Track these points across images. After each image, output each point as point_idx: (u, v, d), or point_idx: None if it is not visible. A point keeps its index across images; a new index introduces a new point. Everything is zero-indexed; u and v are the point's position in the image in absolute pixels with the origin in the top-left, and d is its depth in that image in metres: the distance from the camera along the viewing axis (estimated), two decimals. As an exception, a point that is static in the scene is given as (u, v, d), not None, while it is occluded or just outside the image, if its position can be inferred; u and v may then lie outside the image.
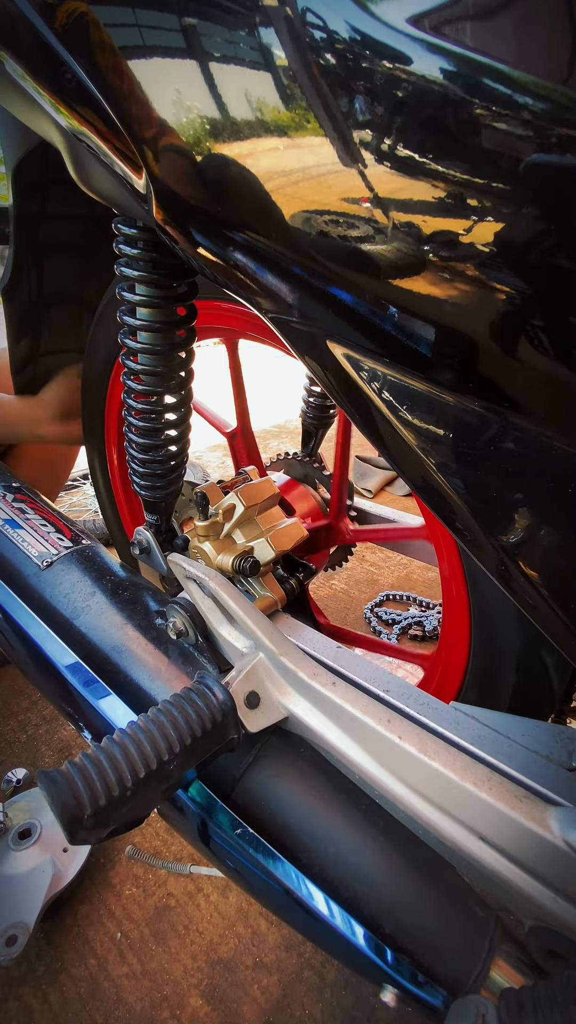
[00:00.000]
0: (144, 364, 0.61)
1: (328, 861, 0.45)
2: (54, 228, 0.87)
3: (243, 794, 0.49)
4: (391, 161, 0.27)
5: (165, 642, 0.59)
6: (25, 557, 0.69)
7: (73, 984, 0.76)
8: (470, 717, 0.46)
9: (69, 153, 0.47)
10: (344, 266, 0.31)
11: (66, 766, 0.38)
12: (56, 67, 0.40)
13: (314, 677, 0.47)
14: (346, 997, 0.75)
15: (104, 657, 0.58)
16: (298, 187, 0.31)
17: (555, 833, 0.35)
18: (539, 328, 0.26)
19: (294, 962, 0.78)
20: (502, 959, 0.40)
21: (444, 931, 0.41)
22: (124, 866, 0.90)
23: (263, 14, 0.29)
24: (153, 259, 0.54)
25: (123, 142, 0.39)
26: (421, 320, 0.30)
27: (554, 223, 0.24)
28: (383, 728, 0.43)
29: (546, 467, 0.29)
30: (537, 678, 0.61)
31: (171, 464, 0.67)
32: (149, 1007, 0.73)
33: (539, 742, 0.43)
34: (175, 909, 0.84)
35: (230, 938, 0.81)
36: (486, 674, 0.65)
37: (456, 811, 0.40)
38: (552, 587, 0.31)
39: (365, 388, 0.34)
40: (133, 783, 0.39)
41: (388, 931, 0.42)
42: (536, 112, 0.22)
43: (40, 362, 1.03)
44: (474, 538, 0.34)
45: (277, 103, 0.30)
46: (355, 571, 1.68)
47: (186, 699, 0.44)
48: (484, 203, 0.25)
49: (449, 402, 0.31)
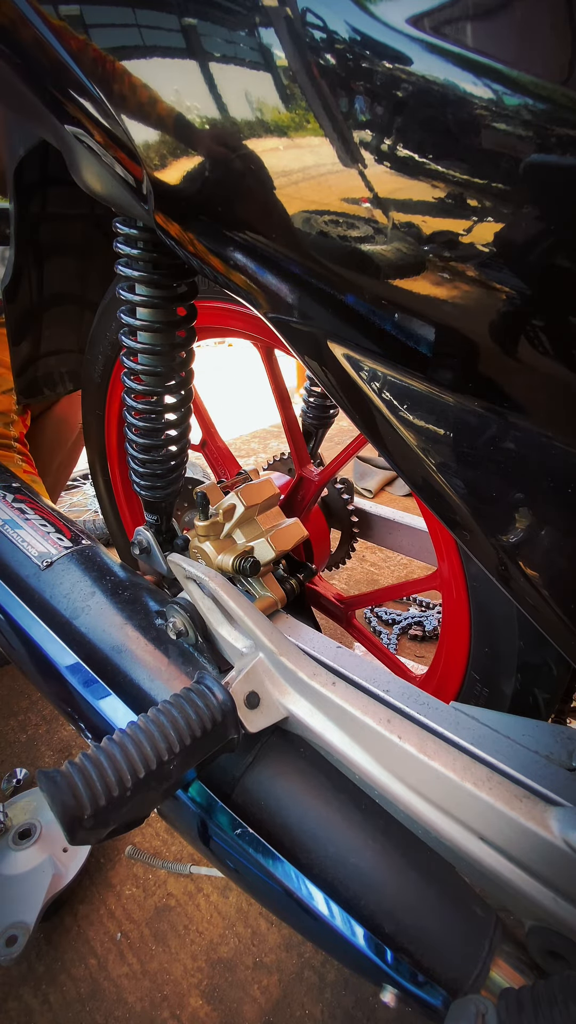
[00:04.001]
0: (144, 364, 0.61)
1: (328, 861, 0.45)
2: (54, 228, 0.87)
3: (243, 794, 0.49)
4: (391, 161, 0.27)
5: (165, 642, 0.59)
6: (25, 557, 0.69)
7: (73, 984, 0.76)
8: (470, 717, 0.46)
9: (69, 153, 0.47)
10: (344, 266, 0.31)
11: (66, 766, 0.38)
12: (56, 67, 0.40)
13: (314, 677, 0.47)
14: (346, 997, 0.75)
15: (104, 657, 0.58)
16: (298, 187, 0.31)
17: (555, 833, 0.35)
18: (539, 328, 0.26)
19: (294, 962, 0.78)
20: (502, 959, 0.40)
21: (444, 931, 0.41)
22: (124, 866, 0.90)
23: (263, 14, 0.29)
24: (153, 259, 0.54)
25: (123, 142, 0.39)
26: (421, 320, 0.30)
27: (554, 223, 0.24)
28: (383, 728, 0.43)
29: (546, 467, 0.29)
30: (537, 678, 0.61)
31: (171, 464, 0.67)
32: (149, 1007, 0.73)
33: (539, 742, 0.43)
34: (175, 909, 0.84)
35: (230, 938, 0.81)
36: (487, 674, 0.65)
37: (456, 811, 0.40)
38: (552, 587, 0.31)
39: (365, 388, 0.34)
40: (133, 783, 0.39)
41: (388, 931, 0.42)
42: (536, 112, 0.22)
43: (40, 364, 1.03)
44: (474, 538, 0.34)
45: (277, 103, 0.30)
46: (355, 571, 1.68)
47: (186, 699, 0.44)
48: (484, 203, 0.25)
49: (449, 402, 0.31)
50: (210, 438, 1.03)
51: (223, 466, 1.03)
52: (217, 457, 1.03)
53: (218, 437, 1.03)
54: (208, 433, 1.02)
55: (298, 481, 0.92)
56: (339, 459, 0.87)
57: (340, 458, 0.87)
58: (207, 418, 1.00)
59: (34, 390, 1.06)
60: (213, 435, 1.02)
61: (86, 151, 0.44)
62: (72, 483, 2.15)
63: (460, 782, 0.39)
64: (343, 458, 0.87)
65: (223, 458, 1.03)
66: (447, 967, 0.40)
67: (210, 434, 1.02)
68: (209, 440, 1.03)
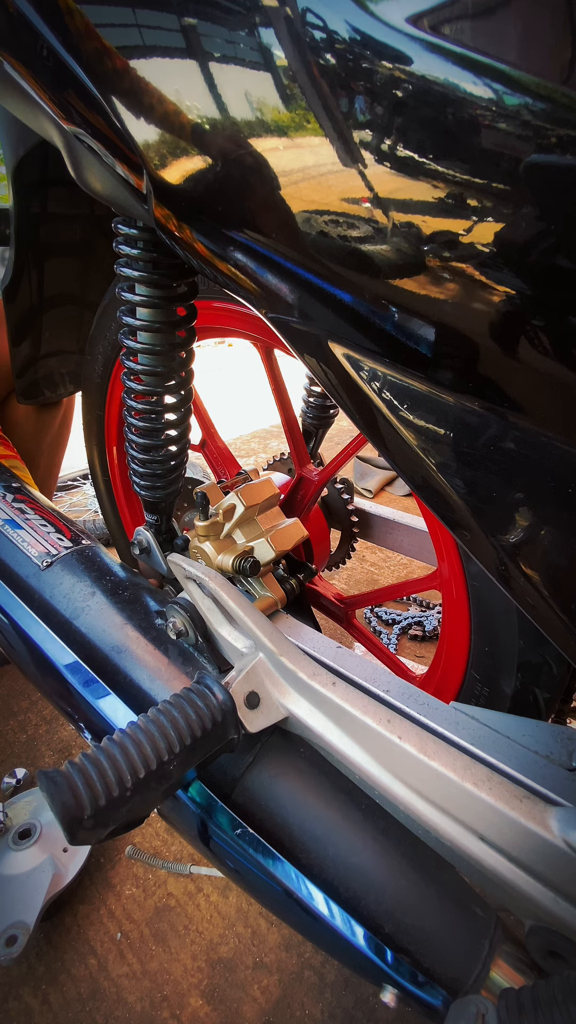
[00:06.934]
0: (144, 364, 0.61)
1: (328, 861, 0.45)
2: (54, 228, 0.87)
3: (243, 794, 0.49)
4: (391, 161, 0.27)
5: (165, 642, 0.59)
6: (25, 557, 0.69)
7: (73, 984, 0.76)
8: (470, 717, 0.46)
9: (69, 153, 0.47)
10: (344, 266, 0.31)
11: (66, 766, 0.38)
12: (56, 67, 0.40)
13: (314, 677, 0.47)
14: (346, 997, 0.75)
15: (104, 657, 0.58)
16: (298, 187, 0.31)
17: (555, 833, 0.35)
18: (539, 328, 0.26)
19: (294, 962, 0.78)
20: (502, 959, 0.40)
21: (444, 931, 0.41)
22: (124, 866, 0.90)
23: (263, 14, 0.29)
24: (153, 259, 0.54)
25: (123, 142, 0.39)
26: (421, 320, 0.30)
27: (554, 223, 0.24)
28: (383, 728, 0.43)
29: (546, 467, 0.29)
30: (538, 678, 0.61)
31: (171, 464, 0.67)
32: (149, 1007, 0.73)
33: (539, 742, 0.43)
34: (175, 909, 0.84)
35: (230, 938, 0.81)
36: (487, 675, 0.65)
37: (456, 811, 0.40)
38: (552, 587, 0.31)
39: (365, 388, 0.34)
40: (133, 783, 0.39)
41: (388, 931, 0.42)
42: (536, 112, 0.22)
43: (40, 364, 1.03)
44: (474, 538, 0.34)
45: (277, 103, 0.30)
46: (355, 571, 1.68)
47: (186, 699, 0.44)
48: (484, 203, 0.25)
49: (449, 402, 0.31)
50: (210, 438, 1.03)
51: (223, 466, 1.03)
52: (217, 457, 1.03)
53: (218, 437, 1.03)
54: (208, 433, 1.02)
55: (298, 481, 0.92)
56: (339, 459, 0.87)
57: (340, 458, 0.87)
58: (207, 418, 1.00)
59: (35, 391, 1.06)
60: (213, 435, 1.02)
61: (86, 151, 0.44)
62: (72, 483, 2.15)
63: (460, 782, 0.39)
64: (343, 458, 0.87)
65: (223, 458, 1.03)
66: (447, 967, 0.40)
67: (210, 434, 1.02)
68: (209, 440, 1.03)
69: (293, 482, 0.92)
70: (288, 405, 0.89)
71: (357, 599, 0.93)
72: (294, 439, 0.90)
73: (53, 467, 1.43)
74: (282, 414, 0.88)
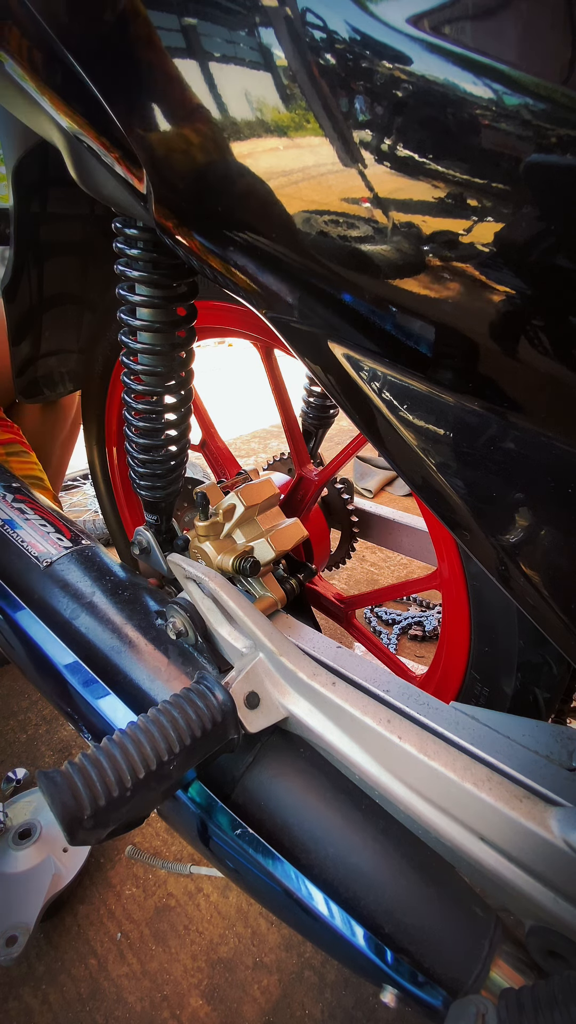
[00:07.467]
0: (144, 364, 0.61)
1: (328, 861, 0.45)
2: (54, 228, 0.87)
3: (243, 794, 0.49)
4: (391, 161, 0.27)
5: (165, 642, 0.59)
6: (25, 557, 0.69)
7: (73, 984, 0.76)
8: (470, 717, 0.46)
9: (69, 153, 0.47)
10: (344, 266, 0.31)
11: (66, 766, 0.38)
12: (56, 67, 0.40)
13: (314, 677, 0.47)
14: (346, 997, 0.75)
15: (104, 657, 0.58)
16: (298, 187, 0.31)
17: (555, 833, 0.35)
18: (539, 328, 0.26)
19: (294, 962, 0.78)
20: (502, 959, 0.40)
21: (444, 931, 0.41)
22: (124, 866, 0.90)
23: (263, 14, 0.29)
24: (153, 259, 0.54)
25: (123, 142, 0.39)
26: (421, 320, 0.30)
27: (554, 223, 0.24)
28: (383, 728, 0.43)
29: (546, 467, 0.29)
30: (538, 677, 0.61)
31: (171, 464, 0.67)
32: (149, 1007, 0.73)
33: (539, 742, 0.43)
34: (175, 909, 0.84)
35: (230, 938, 0.81)
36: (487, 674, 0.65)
37: (456, 811, 0.40)
38: (552, 587, 0.31)
39: (365, 388, 0.34)
40: (133, 784, 0.39)
41: (388, 931, 0.42)
42: (536, 112, 0.22)
43: (40, 364, 1.03)
44: (474, 538, 0.34)
45: (277, 103, 0.30)
46: (355, 571, 1.68)
47: (186, 699, 0.44)
48: (484, 203, 0.25)
49: (449, 402, 0.31)
50: (210, 438, 1.03)
51: (223, 466, 1.03)
52: (217, 457, 1.03)
53: (218, 437, 1.03)
54: (208, 433, 1.02)
55: (298, 481, 0.92)
56: (339, 459, 0.87)
57: (340, 458, 0.87)
58: (207, 418, 1.00)
59: (34, 390, 1.06)
60: (213, 435, 1.02)
61: (86, 151, 0.44)
62: (72, 483, 2.15)
63: (460, 782, 0.39)
64: (343, 458, 0.87)
65: (223, 458, 1.03)
66: (447, 967, 0.40)
67: (210, 434, 1.02)
68: (209, 440, 1.03)
69: (293, 482, 0.92)
70: (288, 405, 0.89)
71: (357, 599, 0.93)
72: (294, 439, 0.90)
73: (63, 465, 1.45)
74: (282, 414, 0.88)
